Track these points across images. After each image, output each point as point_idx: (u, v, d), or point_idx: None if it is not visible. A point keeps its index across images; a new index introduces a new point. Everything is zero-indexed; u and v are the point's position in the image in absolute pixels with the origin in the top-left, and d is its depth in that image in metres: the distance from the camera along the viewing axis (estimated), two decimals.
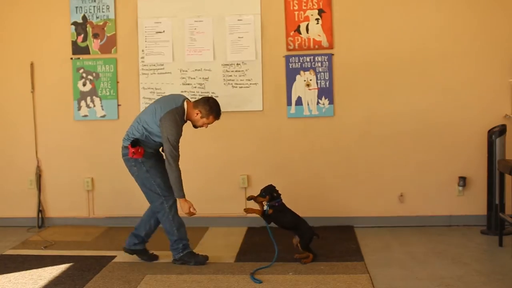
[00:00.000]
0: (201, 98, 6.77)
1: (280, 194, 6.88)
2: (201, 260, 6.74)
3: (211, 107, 6.65)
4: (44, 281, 6.25)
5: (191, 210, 6.63)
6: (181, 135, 6.58)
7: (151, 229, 6.98)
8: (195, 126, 6.79)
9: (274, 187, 6.89)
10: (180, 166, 6.54)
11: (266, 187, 6.86)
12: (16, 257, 7.22)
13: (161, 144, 6.62)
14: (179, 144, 6.57)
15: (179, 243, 6.78)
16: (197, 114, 6.64)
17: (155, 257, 6.96)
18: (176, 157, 6.51)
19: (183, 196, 6.59)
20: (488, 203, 7.76)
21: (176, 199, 6.72)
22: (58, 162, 8.66)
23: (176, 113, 6.52)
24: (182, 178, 6.59)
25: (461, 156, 8.09)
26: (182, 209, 6.60)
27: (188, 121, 6.73)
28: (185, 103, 6.65)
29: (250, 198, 6.89)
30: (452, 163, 8.11)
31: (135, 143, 6.58)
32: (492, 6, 7.96)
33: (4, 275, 6.53)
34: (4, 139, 8.69)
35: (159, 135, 6.53)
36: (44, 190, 8.73)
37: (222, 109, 7.92)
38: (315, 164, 8.28)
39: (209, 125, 6.79)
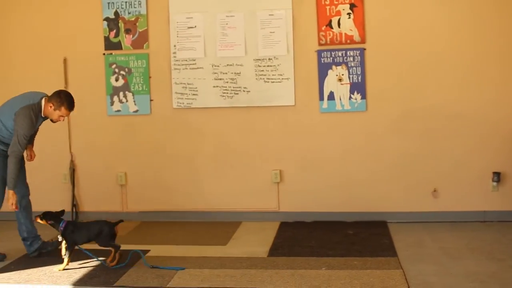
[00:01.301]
0: (54, 92, 6.92)
1: (61, 218, 6.73)
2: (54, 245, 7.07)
3: (61, 98, 6.80)
4: (78, 275, 6.31)
5: (13, 205, 6.72)
6: (33, 132, 6.89)
7: (27, 226, 7.12)
8: (52, 120, 6.94)
9: (55, 213, 6.80)
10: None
11: (47, 212, 6.78)
12: (51, 250, 7.26)
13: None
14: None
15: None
16: (50, 107, 6.78)
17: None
18: (19, 152, 6.66)
19: (13, 189, 6.65)
20: None
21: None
22: (91, 156, 8.72)
23: (31, 109, 6.71)
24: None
25: (495, 151, 8.02)
26: (8, 200, 6.69)
27: (46, 117, 6.90)
28: (43, 100, 6.81)
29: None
30: (486, 158, 8.03)
31: None
32: None
33: (40, 268, 6.60)
34: (39, 134, 8.70)
35: (11, 130, 6.75)
36: (78, 184, 8.79)
37: (255, 104, 7.98)
38: (348, 159, 8.25)
39: (64, 117, 6.93)
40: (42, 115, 6.84)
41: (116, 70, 8.59)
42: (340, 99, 8.19)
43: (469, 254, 6.71)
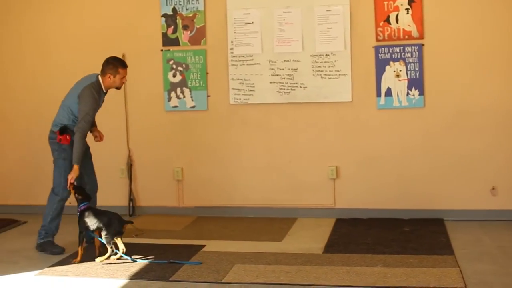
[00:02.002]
0: (102, 64, 7.24)
1: (87, 201, 6.92)
2: (57, 251, 7.06)
3: (113, 64, 7.17)
4: (135, 269, 6.38)
5: (72, 180, 6.88)
6: (96, 108, 7.15)
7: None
8: (117, 88, 7.32)
9: (86, 193, 6.99)
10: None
11: (81, 188, 7.00)
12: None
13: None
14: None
15: (44, 230, 7.19)
16: (109, 77, 7.12)
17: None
18: (84, 129, 6.94)
19: (78, 163, 6.89)
20: None
21: (65, 198, 7.16)
22: (148, 152, 8.80)
23: (92, 87, 7.04)
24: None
25: None
26: (71, 173, 6.88)
27: (108, 90, 7.27)
28: (99, 77, 7.16)
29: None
30: None
31: (63, 130, 7.03)
32: None
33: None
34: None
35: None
36: (135, 179, 8.89)
37: (311, 100, 7.98)
38: (405, 156, 8.18)
39: (125, 78, 7.30)
40: (104, 91, 7.20)
41: (174, 66, 8.65)
42: (398, 95, 8.12)
43: None
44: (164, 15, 8.66)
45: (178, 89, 8.65)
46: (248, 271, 6.19)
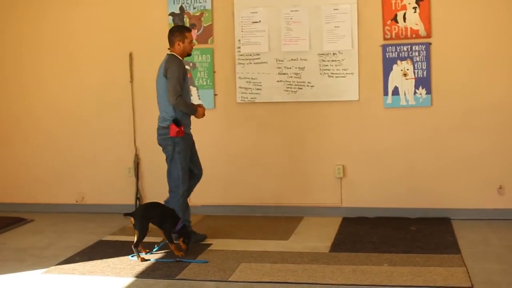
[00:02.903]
0: (168, 37, 7.33)
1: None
2: (200, 238, 7.29)
3: (178, 31, 7.26)
4: (141, 267, 6.39)
5: (203, 114, 7.36)
6: (183, 75, 7.11)
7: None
8: (189, 54, 7.36)
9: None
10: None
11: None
12: (115, 243, 7.40)
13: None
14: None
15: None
16: (179, 45, 7.19)
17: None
18: (176, 95, 6.97)
19: (196, 107, 7.31)
20: None
21: (186, 188, 7.29)
22: (155, 150, 8.72)
23: (172, 58, 7.15)
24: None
25: None
26: (199, 114, 7.29)
27: (183, 59, 7.32)
28: (171, 52, 7.27)
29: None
30: None
31: (177, 122, 7.07)
32: None
33: (104, 260, 6.71)
34: (104, 127, 8.88)
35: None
36: (142, 177, 8.90)
37: (319, 98, 8.02)
38: (412, 155, 8.18)
39: (193, 41, 7.42)
40: (180, 59, 7.24)
41: None
42: (405, 94, 8.11)
43: None
44: (172, 14, 8.67)
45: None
46: (254, 270, 6.20)
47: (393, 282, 5.73)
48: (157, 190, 8.76)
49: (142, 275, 6.19)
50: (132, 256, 6.68)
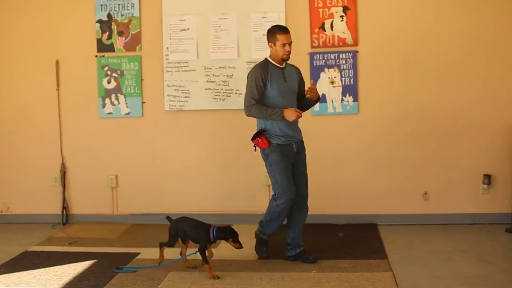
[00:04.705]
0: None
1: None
2: (261, 254, 6.86)
3: (271, 30, 6.55)
4: (68, 278, 6.30)
5: (297, 113, 6.46)
6: (260, 86, 6.44)
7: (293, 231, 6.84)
8: (283, 59, 6.56)
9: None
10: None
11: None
12: (41, 253, 7.28)
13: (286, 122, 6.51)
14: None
15: (261, 225, 6.88)
16: (271, 47, 6.54)
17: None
18: (248, 105, 6.47)
19: (282, 111, 6.40)
20: None
21: (287, 202, 6.56)
22: (82, 159, 8.71)
23: (253, 69, 6.59)
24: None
25: (486, 153, 8.04)
26: (290, 116, 6.40)
27: (277, 64, 6.58)
28: (267, 58, 6.63)
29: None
30: (477, 160, 8.06)
31: (256, 134, 6.57)
32: None
33: (29, 271, 6.58)
34: (30, 136, 8.75)
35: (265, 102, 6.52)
36: (69, 187, 8.78)
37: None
38: (339, 162, 8.26)
39: (288, 45, 6.51)
40: (276, 66, 6.57)
41: (109, 72, 8.59)
42: (332, 102, 8.20)
43: (459, 256, 6.73)
44: (99, 21, 8.59)
45: (113, 96, 8.58)
46: (182, 279, 6.18)
47: None
48: (84, 200, 8.73)
49: (68, 285, 6.10)
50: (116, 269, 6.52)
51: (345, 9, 8.14)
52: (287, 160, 6.57)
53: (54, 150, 8.72)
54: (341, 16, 8.15)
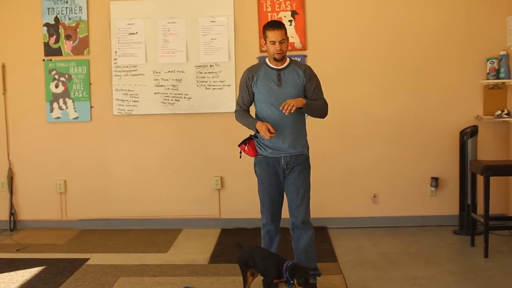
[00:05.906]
0: None
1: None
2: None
3: (263, 27, 5.76)
4: (16, 285, 6.21)
5: (270, 130, 5.54)
6: (245, 90, 5.83)
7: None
8: (275, 59, 5.70)
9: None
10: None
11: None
12: None
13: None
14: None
15: None
16: (264, 45, 5.78)
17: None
18: (235, 110, 5.91)
19: (254, 125, 5.67)
20: (460, 203, 7.83)
21: (267, 221, 5.99)
22: (30, 164, 8.60)
23: (246, 70, 5.93)
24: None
25: (434, 157, 8.15)
26: (262, 133, 5.57)
27: (272, 65, 5.77)
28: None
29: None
30: (425, 164, 8.16)
31: (245, 140, 5.88)
32: (463, 9, 8.01)
33: None
34: None
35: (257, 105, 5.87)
36: (16, 192, 8.66)
37: (196, 110, 7.98)
38: None
39: (278, 43, 5.60)
40: (269, 65, 5.76)
41: (56, 76, 8.49)
42: None
43: (408, 258, 6.81)
44: (46, 24, 8.49)
45: (61, 100, 8.49)
46: (133, 284, 6.14)
47: None
48: (32, 205, 8.62)
49: None
50: None
51: (293, 13, 8.18)
52: (274, 176, 5.86)
53: (0, 156, 8.60)
54: (290, 21, 8.18)
